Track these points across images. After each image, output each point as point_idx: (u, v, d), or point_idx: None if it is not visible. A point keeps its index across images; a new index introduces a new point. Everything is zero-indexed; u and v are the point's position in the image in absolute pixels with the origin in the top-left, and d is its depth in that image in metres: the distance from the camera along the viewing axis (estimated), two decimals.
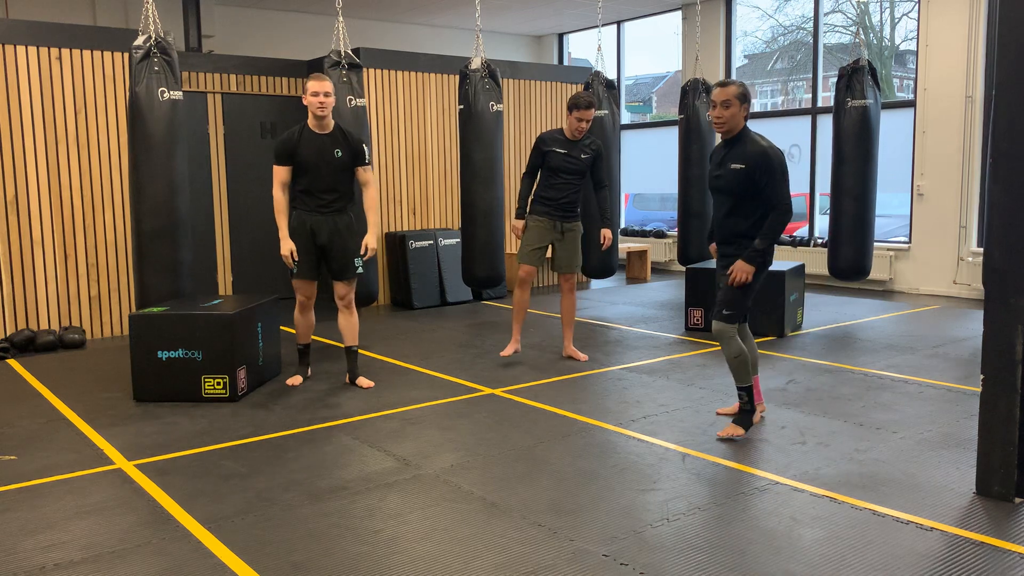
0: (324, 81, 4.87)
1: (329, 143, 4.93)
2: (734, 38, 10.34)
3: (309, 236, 4.98)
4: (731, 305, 4.01)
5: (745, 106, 3.97)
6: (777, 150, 3.96)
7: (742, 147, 3.96)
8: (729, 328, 4.02)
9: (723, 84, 3.99)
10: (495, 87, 6.62)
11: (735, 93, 3.94)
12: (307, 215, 4.99)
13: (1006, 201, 3.22)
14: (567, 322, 5.89)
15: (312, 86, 4.86)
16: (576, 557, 2.88)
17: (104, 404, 4.90)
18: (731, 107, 3.95)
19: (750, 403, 4.08)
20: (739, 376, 4.06)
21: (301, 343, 5.32)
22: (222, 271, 8.13)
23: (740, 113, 3.97)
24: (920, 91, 8.51)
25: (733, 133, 4.01)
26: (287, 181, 4.97)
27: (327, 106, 4.87)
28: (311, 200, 4.97)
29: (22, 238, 6.64)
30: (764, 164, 3.89)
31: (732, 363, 4.05)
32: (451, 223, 8.85)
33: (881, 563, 2.81)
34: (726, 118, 3.97)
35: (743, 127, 4.01)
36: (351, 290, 5.12)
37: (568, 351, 5.92)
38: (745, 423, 4.09)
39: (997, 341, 3.26)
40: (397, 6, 10.16)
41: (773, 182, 3.90)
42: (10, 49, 6.52)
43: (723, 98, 3.95)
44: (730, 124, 3.98)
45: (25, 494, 3.54)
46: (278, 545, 3.02)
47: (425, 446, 4.07)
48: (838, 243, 7.26)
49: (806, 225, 10.02)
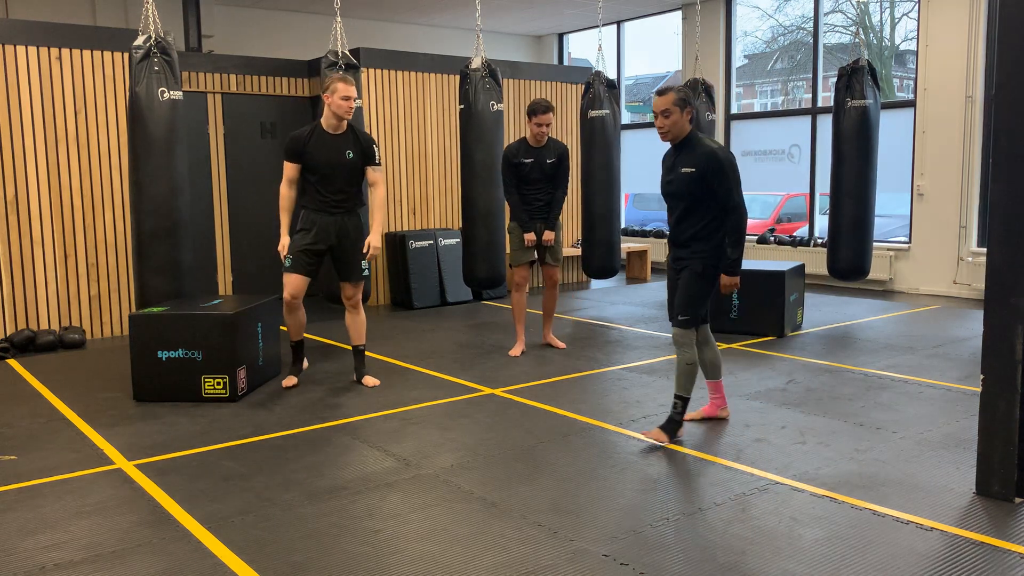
0: (353, 85, 4.87)
1: (341, 144, 4.93)
2: (734, 38, 10.34)
3: (314, 235, 4.96)
4: (687, 310, 4.02)
5: (687, 111, 3.99)
6: (727, 151, 3.99)
7: (691, 151, 3.98)
8: (687, 333, 4.04)
9: (660, 93, 4.00)
10: (495, 87, 6.62)
11: (673, 100, 3.95)
12: (316, 215, 4.97)
13: (1007, 201, 3.22)
14: (548, 313, 6.25)
15: (343, 89, 4.81)
16: (576, 557, 2.88)
17: (104, 404, 4.90)
18: (671, 115, 3.97)
19: (682, 414, 4.08)
20: (681, 384, 4.06)
21: (294, 340, 5.26)
22: (222, 271, 8.13)
23: (683, 119, 3.98)
24: (920, 91, 8.51)
25: (680, 139, 4.03)
26: (294, 178, 4.96)
27: (353, 110, 4.88)
28: (321, 200, 4.96)
29: (22, 238, 6.64)
30: (715, 165, 3.91)
31: (681, 369, 4.05)
32: (451, 223, 8.85)
33: (881, 563, 2.81)
34: (668, 126, 3.99)
35: (689, 131, 4.03)
36: (358, 291, 5.13)
37: (547, 339, 6.28)
38: (671, 432, 4.06)
39: (997, 341, 3.26)
40: (397, 6, 10.16)
41: (726, 183, 3.91)
42: (10, 49, 6.52)
43: (663, 107, 3.97)
44: (674, 131, 4.00)
45: (25, 494, 3.54)
46: (278, 545, 3.02)
47: (425, 446, 4.07)
48: (837, 243, 7.26)
49: (806, 225, 10.02)
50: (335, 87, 4.82)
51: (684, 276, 4.05)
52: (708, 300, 4.11)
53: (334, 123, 4.90)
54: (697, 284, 4.02)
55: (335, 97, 4.82)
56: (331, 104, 4.85)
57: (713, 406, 4.41)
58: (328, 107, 4.87)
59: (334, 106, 4.84)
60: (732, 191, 3.92)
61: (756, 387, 5.02)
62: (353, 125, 5.04)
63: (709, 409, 4.41)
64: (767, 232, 10.20)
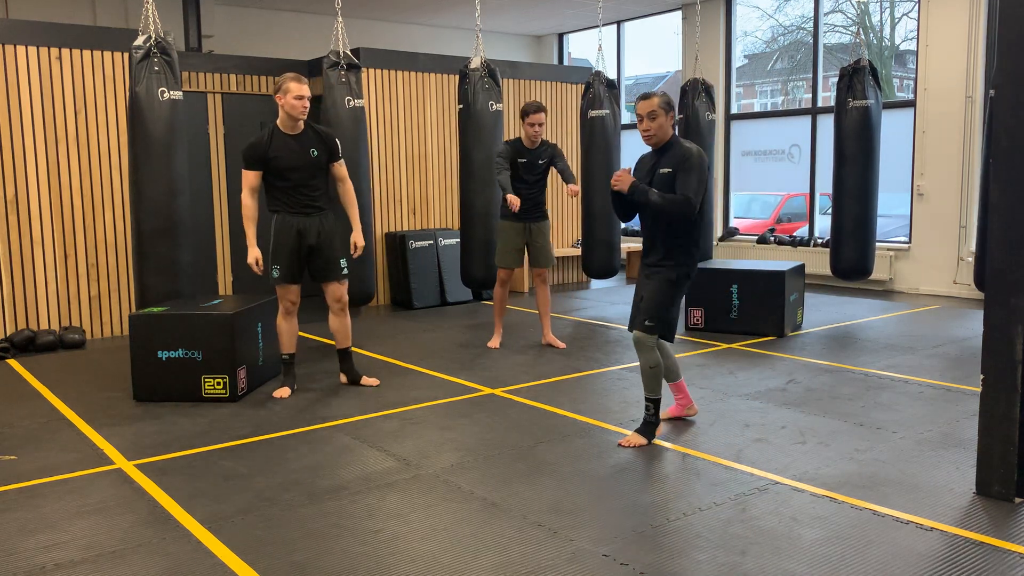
0: (306, 84, 4.77)
1: (304, 143, 4.83)
2: (734, 38, 10.34)
3: (296, 238, 4.88)
4: (653, 317, 3.99)
5: (671, 114, 4.00)
6: (703, 155, 3.98)
7: (672, 153, 3.98)
8: (649, 339, 4.01)
9: (645, 97, 3.99)
10: (495, 86, 6.62)
11: (659, 103, 3.96)
12: (293, 217, 4.88)
13: (1006, 201, 3.22)
14: (544, 313, 6.30)
15: (296, 88, 4.69)
16: (576, 557, 2.88)
17: (104, 404, 4.90)
18: (657, 118, 3.96)
19: (655, 415, 4.06)
20: (650, 387, 4.03)
21: (286, 352, 5.05)
22: (222, 271, 8.13)
23: (667, 122, 3.99)
24: (920, 91, 8.51)
25: (663, 142, 4.03)
26: (256, 187, 4.83)
27: (307, 110, 4.78)
28: (294, 202, 4.87)
29: (22, 238, 6.64)
30: (687, 163, 3.90)
31: (646, 372, 4.03)
32: (451, 223, 8.85)
33: (881, 563, 2.81)
34: (654, 129, 3.98)
35: (672, 135, 4.04)
36: (344, 291, 5.05)
37: (547, 339, 6.31)
38: (648, 434, 4.05)
39: (997, 341, 3.26)
40: (397, 6, 10.16)
41: (690, 176, 3.88)
42: (10, 49, 6.53)
43: (648, 110, 3.96)
44: (659, 135, 4.00)
45: (25, 494, 3.54)
46: (278, 545, 3.02)
47: (425, 446, 4.07)
48: (840, 244, 7.26)
49: (806, 225, 10.02)
50: (287, 87, 4.70)
51: (654, 282, 4.01)
52: (675, 310, 4.07)
53: (290, 124, 4.79)
54: (668, 291, 3.98)
55: (288, 97, 4.70)
56: (284, 104, 4.72)
57: (679, 406, 4.43)
58: (282, 108, 4.74)
59: (287, 106, 4.71)
60: (691, 184, 3.87)
61: (756, 387, 5.02)
62: (310, 123, 4.90)
63: (675, 409, 4.43)
64: (767, 232, 10.19)
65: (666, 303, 4.00)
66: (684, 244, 3.99)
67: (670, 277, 3.99)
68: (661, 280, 3.99)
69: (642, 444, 4.02)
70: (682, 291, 4.06)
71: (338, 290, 5.02)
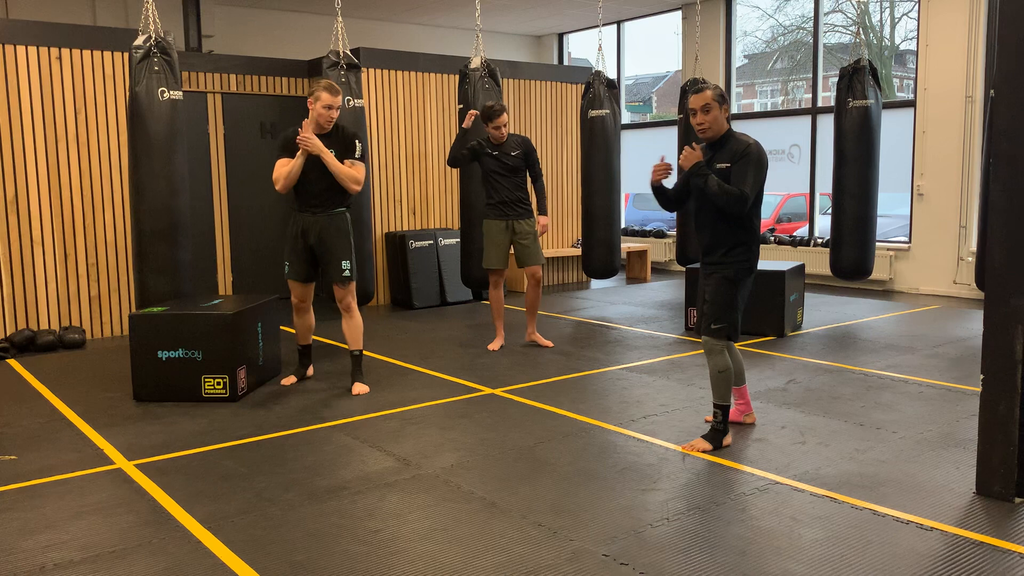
0: (339, 95, 4.84)
1: (325, 143, 4.86)
2: (734, 38, 10.34)
3: (299, 236, 4.96)
4: (719, 318, 3.89)
5: (725, 107, 3.88)
6: (761, 148, 3.86)
7: (729, 147, 3.87)
8: (717, 343, 3.91)
9: (698, 90, 3.87)
10: (495, 86, 6.62)
11: (713, 96, 3.84)
12: (299, 215, 4.97)
13: (1005, 201, 3.22)
14: (531, 311, 6.27)
15: (327, 98, 4.79)
16: (576, 557, 2.88)
17: (104, 404, 4.90)
18: (711, 110, 3.84)
19: (724, 423, 3.95)
20: (719, 392, 3.93)
21: (300, 344, 5.32)
22: (222, 271, 8.13)
23: (722, 115, 3.87)
24: (920, 91, 8.51)
25: (718, 136, 3.91)
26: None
27: (334, 121, 4.87)
28: (304, 199, 4.95)
29: (22, 238, 6.64)
30: (744, 157, 3.79)
31: (715, 377, 3.92)
32: (451, 223, 8.85)
33: (881, 563, 2.81)
34: (709, 122, 3.86)
35: (727, 128, 3.91)
36: (347, 293, 5.02)
37: (532, 337, 6.32)
38: (716, 441, 3.94)
39: (997, 341, 3.26)
40: (397, 6, 10.16)
41: (744, 169, 3.77)
42: (10, 49, 6.52)
43: (702, 103, 3.84)
44: (714, 128, 3.88)
45: (25, 494, 3.54)
46: (278, 545, 3.02)
47: (425, 446, 4.07)
48: (840, 243, 7.26)
49: (806, 225, 10.02)
50: (320, 95, 4.79)
51: (713, 281, 3.90)
52: (739, 309, 3.93)
53: (317, 127, 4.86)
54: (728, 290, 3.88)
55: (317, 105, 4.80)
56: (313, 111, 4.83)
57: (737, 411, 4.29)
58: (312, 112, 4.84)
59: (315, 113, 4.82)
60: (747, 178, 3.76)
61: (756, 387, 5.02)
62: (339, 124, 4.98)
63: (733, 414, 4.28)
64: (767, 232, 10.20)
65: (729, 303, 3.88)
66: (743, 240, 3.87)
67: (728, 275, 3.88)
68: (719, 279, 3.89)
69: (707, 450, 3.90)
70: (744, 289, 3.93)
71: (338, 292, 5.03)
